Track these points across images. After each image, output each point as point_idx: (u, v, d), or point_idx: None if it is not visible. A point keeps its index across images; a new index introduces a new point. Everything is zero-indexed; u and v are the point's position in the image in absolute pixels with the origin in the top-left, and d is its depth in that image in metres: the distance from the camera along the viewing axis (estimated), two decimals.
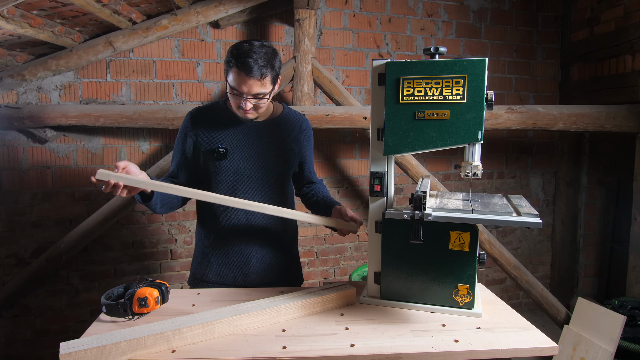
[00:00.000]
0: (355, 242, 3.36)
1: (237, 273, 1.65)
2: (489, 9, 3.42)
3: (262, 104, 1.54)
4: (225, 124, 1.61)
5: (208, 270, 1.66)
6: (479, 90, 1.25)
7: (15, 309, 2.72)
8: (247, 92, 1.47)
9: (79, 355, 1.03)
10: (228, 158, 1.59)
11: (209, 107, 1.67)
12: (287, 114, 1.71)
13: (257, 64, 1.44)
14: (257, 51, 1.45)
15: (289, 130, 1.69)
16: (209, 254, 1.67)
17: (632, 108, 2.78)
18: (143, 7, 2.56)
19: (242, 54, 1.44)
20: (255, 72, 1.44)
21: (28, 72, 2.60)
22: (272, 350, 1.13)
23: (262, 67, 1.45)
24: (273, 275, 1.69)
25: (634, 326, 2.57)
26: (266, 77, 1.48)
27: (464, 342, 1.17)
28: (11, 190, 2.67)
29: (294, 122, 1.71)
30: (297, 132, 1.70)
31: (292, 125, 1.70)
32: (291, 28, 2.98)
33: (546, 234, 3.73)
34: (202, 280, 1.67)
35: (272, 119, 1.67)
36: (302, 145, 1.72)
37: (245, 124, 1.62)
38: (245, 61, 1.43)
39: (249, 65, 1.43)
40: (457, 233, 1.33)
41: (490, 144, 3.49)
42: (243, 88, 1.47)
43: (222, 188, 1.60)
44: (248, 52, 1.44)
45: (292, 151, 1.69)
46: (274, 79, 1.53)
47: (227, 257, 1.64)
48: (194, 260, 1.73)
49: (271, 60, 1.49)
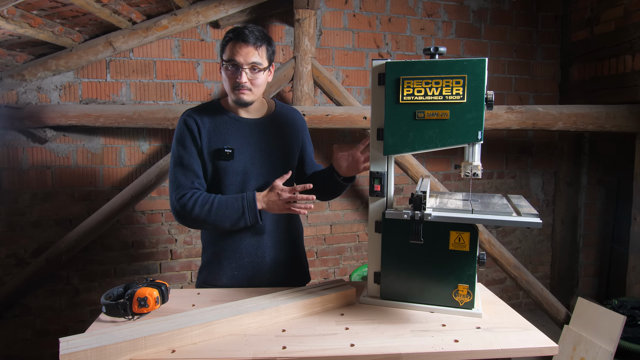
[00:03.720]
0: (355, 242, 3.36)
1: (252, 274, 1.64)
2: (489, 9, 3.42)
3: (257, 81, 1.54)
4: (225, 124, 1.61)
5: (221, 274, 1.63)
6: (479, 90, 1.25)
7: (15, 309, 2.72)
8: (244, 61, 1.50)
9: (79, 356, 1.03)
10: (235, 158, 1.58)
11: (203, 107, 1.64)
12: (280, 109, 1.72)
13: (253, 34, 1.51)
14: (253, 27, 1.54)
15: (286, 124, 1.70)
16: (222, 259, 1.63)
17: (632, 108, 2.78)
18: (143, 7, 2.56)
19: (238, 28, 1.53)
20: (251, 39, 1.50)
21: (28, 72, 2.60)
22: (272, 350, 1.13)
23: (258, 38, 1.52)
24: (285, 273, 1.69)
25: (634, 326, 2.57)
26: (262, 47, 1.52)
27: (464, 342, 1.17)
28: (11, 190, 2.67)
29: (289, 116, 1.73)
30: (294, 126, 1.72)
31: (288, 119, 1.72)
32: (291, 28, 2.98)
33: (546, 234, 3.73)
34: (214, 286, 1.64)
35: (268, 116, 1.68)
36: (300, 137, 1.74)
37: (245, 123, 1.62)
38: (242, 31, 1.50)
39: (245, 34, 1.50)
40: (457, 233, 1.33)
41: (490, 144, 3.49)
42: (239, 57, 1.50)
43: (231, 189, 1.59)
44: (244, 27, 1.53)
45: (293, 145, 1.70)
46: (269, 57, 1.57)
47: (241, 259, 1.63)
48: (204, 267, 1.69)
49: (267, 37, 1.56)
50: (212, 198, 1.50)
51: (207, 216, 1.49)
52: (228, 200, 1.50)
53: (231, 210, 1.49)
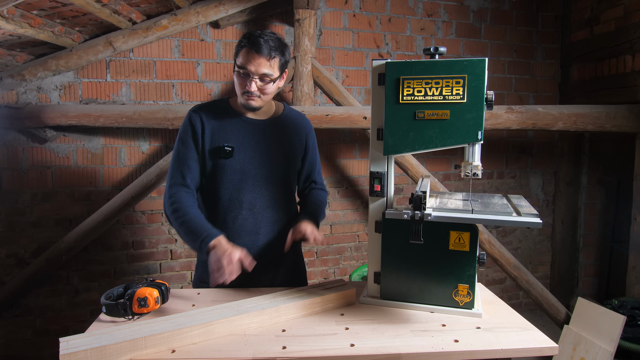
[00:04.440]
0: (355, 242, 3.36)
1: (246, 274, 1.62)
2: (489, 9, 3.42)
3: (266, 90, 1.54)
4: (229, 122, 1.61)
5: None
6: (479, 90, 1.25)
7: (15, 309, 2.72)
8: (255, 71, 1.49)
9: (79, 356, 1.03)
10: (234, 156, 1.58)
11: (211, 105, 1.67)
12: (288, 113, 1.72)
13: (268, 44, 1.49)
14: (269, 35, 1.52)
15: (292, 128, 1.69)
16: None
17: (632, 108, 2.78)
18: (143, 7, 2.56)
19: (254, 35, 1.51)
20: (264, 50, 1.48)
21: (28, 72, 2.60)
22: (272, 350, 1.13)
23: (272, 48, 1.50)
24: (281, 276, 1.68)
25: (634, 326, 2.57)
26: (274, 59, 1.51)
27: (464, 342, 1.17)
28: (11, 190, 2.67)
29: (295, 120, 1.72)
30: (299, 131, 1.71)
31: (294, 123, 1.71)
32: (291, 28, 2.98)
33: (546, 234, 3.73)
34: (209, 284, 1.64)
35: (274, 118, 1.67)
36: (304, 143, 1.72)
37: (249, 123, 1.62)
38: (257, 40, 1.48)
39: (260, 43, 1.48)
40: (457, 233, 1.33)
41: (490, 144, 3.49)
42: (251, 67, 1.49)
43: (228, 187, 1.60)
44: (260, 35, 1.51)
45: (295, 149, 1.69)
46: (281, 66, 1.56)
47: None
48: (199, 265, 1.69)
49: (281, 46, 1.54)
50: (185, 214, 1.51)
51: (176, 226, 1.54)
52: (196, 226, 1.49)
53: (191, 238, 1.49)
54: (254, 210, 1.61)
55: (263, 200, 1.62)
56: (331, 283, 1.48)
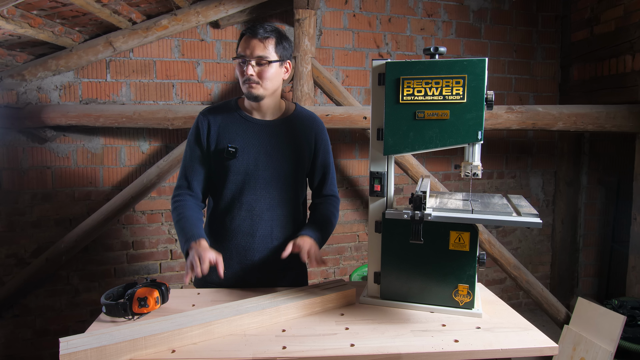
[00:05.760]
0: (355, 242, 3.36)
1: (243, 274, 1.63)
2: (489, 9, 3.42)
3: (265, 74, 1.53)
4: (236, 122, 1.60)
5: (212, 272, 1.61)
6: (479, 90, 1.25)
7: (15, 309, 2.72)
8: (250, 54, 1.51)
9: (79, 356, 1.03)
10: (237, 157, 1.57)
11: (220, 106, 1.67)
12: (298, 114, 1.67)
13: (263, 27, 1.53)
14: (268, 24, 1.57)
15: (300, 129, 1.64)
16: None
17: (632, 108, 2.78)
18: (143, 7, 2.56)
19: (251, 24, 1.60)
20: (258, 32, 1.52)
21: (28, 72, 2.60)
22: (272, 350, 1.13)
23: (267, 30, 1.53)
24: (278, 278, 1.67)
25: (634, 326, 2.57)
26: (268, 40, 1.52)
27: (464, 342, 1.17)
28: (11, 190, 2.67)
29: (305, 122, 1.66)
30: (308, 132, 1.66)
31: (303, 124, 1.65)
32: (291, 28, 2.98)
33: (546, 234, 3.73)
34: (206, 282, 1.65)
35: (283, 118, 1.64)
36: (312, 145, 1.66)
37: (254, 123, 1.61)
38: (253, 26, 1.55)
39: (255, 27, 1.53)
40: (457, 233, 1.33)
41: (490, 144, 3.49)
42: (246, 51, 1.52)
43: (231, 188, 1.60)
44: (258, 23, 1.57)
45: (302, 151, 1.64)
46: (279, 50, 1.55)
47: (230, 259, 1.60)
48: None
49: (279, 32, 1.57)
50: (181, 215, 1.59)
51: (174, 225, 1.62)
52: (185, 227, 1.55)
53: (180, 237, 1.56)
54: (253, 211, 1.60)
55: (264, 202, 1.60)
56: (331, 283, 1.48)
